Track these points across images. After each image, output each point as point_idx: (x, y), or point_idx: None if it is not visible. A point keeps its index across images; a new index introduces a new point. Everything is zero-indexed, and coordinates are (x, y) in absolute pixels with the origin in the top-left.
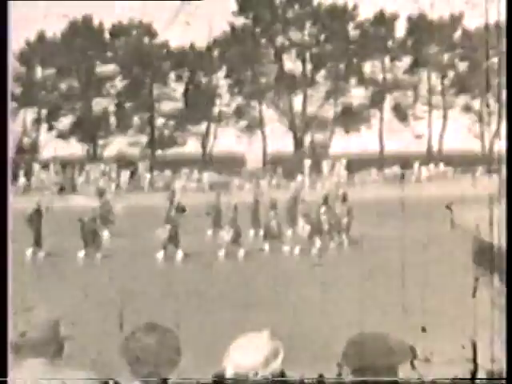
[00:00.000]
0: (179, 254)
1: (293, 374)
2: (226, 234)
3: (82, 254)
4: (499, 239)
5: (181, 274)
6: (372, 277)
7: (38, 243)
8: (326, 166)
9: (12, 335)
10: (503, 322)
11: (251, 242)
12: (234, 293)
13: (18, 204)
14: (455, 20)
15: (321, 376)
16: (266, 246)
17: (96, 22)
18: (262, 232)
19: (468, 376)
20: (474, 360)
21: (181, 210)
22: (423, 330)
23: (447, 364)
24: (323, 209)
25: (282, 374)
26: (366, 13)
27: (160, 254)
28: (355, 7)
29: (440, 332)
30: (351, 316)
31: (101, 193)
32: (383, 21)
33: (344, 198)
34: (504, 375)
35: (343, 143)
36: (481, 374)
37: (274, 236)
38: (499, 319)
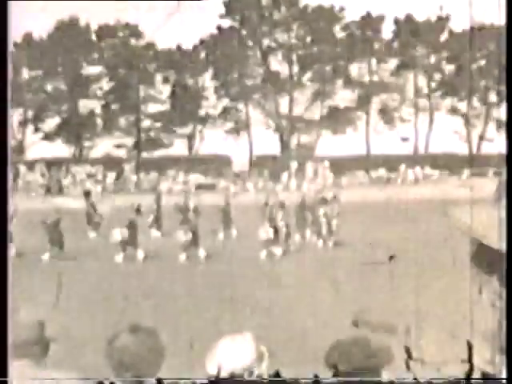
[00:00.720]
0: (140, 255)
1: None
2: (183, 236)
3: (46, 256)
4: (493, 240)
5: (141, 274)
6: (360, 278)
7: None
8: (311, 168)
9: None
10: (503, 322)
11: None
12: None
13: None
14: (442, 22)
15: (316, 376)
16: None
17: (82, 23)
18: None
19: (462, 377)
20: (470, 360)
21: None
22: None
23: (442, 364)
24: (321, 210)
25: (277, 374)
26: (352, 15)
27: (119, 256)
28: (342, 9)
29: (435, 332)
30: (341, 318)
31: (87, 194)
32: (370, 23)
33: (334, 200)
34: (504, 375)
35: (329, 145)
36: (476, 375)
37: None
38: (496, 320)
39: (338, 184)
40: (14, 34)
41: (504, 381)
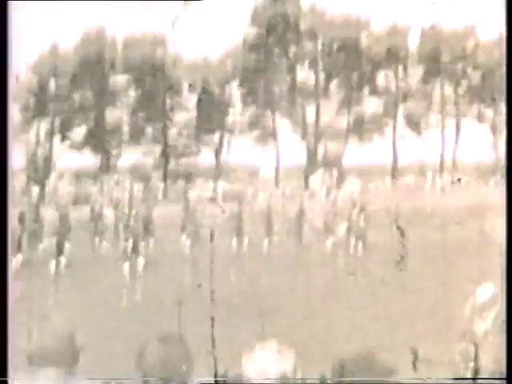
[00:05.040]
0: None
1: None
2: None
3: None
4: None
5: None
6: (384, 283)
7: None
8: (338, 175)
9: (27, 345)
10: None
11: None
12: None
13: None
14: (468, 31)
15: (322, 378)
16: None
17: (109, 34)
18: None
19: (469, 376)
20: (476, 360)
21: None
22: None
23: (449, 364)
24: (349, 217)
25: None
26: (379, 24)
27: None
28: (368, 18)
29: (442, 333)
30: (355, 320)
31: (115, 203)
32: (396, 31)
33: (362, 208)
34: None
35: (357, 153)
36: (483, 375)
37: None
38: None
39: (365, 191)
40: (41, 45)
41: (504, 381)
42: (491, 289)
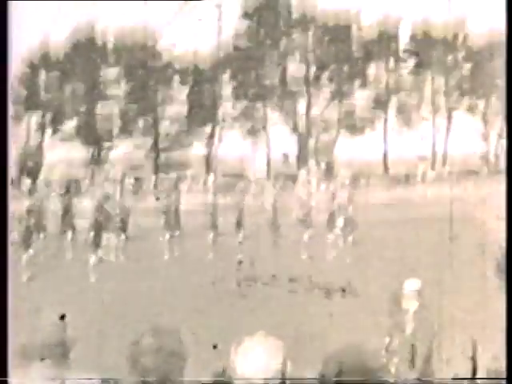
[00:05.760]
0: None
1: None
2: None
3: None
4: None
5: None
6: (373, 276)
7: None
8: (329, 168)
9: (19, 338)
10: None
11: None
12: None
13: (23, 206)
14: (459, 23)
15: (322, 376)
16: None
17: (100, 27)
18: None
19: (468, 375)
20: (474, 358)
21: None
22: None
23: (447, 362)
24: (339, 209)
25: (283, 374)
26: (369, 17)
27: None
28: (359, 11)
29: (441, 331)
30: (350, 316)
31: (106, 195)
32: (387, 24)
33: (350, 200)
34: (504, 375)
35: (347, 145)
36: (481, 373)
37: None
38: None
39: (356, 183)
40: (32, 37)
41: (504, 381)
42: (417, 283)
